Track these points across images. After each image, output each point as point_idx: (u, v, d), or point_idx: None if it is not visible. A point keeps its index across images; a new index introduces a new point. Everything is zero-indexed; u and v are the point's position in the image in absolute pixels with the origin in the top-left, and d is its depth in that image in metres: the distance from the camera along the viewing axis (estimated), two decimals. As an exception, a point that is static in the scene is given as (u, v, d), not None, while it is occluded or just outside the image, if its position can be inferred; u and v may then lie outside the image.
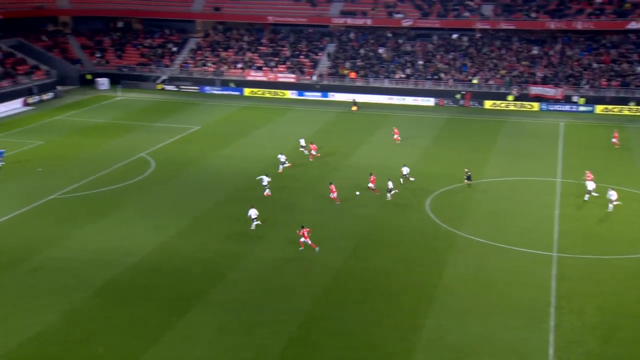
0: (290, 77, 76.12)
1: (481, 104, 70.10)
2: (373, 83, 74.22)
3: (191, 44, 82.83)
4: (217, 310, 28.04)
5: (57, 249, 33.37)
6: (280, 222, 37.61)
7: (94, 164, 47.45)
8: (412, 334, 26.56)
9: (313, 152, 49.69)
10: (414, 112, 67.56)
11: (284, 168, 46.18)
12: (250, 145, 54.33)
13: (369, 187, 42.00)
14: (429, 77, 73.48)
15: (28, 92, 68.67)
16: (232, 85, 76.34)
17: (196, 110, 67.34)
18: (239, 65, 78.17)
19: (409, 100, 71.84)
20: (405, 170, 44.14)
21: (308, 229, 33.98)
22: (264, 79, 76.51)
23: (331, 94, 73.76)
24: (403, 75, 74.17)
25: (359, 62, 76.91)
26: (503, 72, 72.11)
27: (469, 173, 43.76)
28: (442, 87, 72.12)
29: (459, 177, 44.61)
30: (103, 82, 76.57)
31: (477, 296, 29.48)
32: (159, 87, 76.70)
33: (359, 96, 72.99)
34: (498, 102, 69.84)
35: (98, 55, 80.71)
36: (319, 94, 74.16)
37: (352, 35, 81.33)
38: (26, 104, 66.74)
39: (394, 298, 29.38)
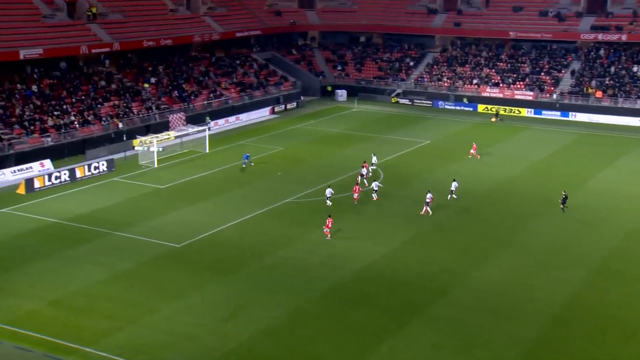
0: (528, 95, 73.06)
1: None
2: (623, 104, 68.18)
3: (428, 58, 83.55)
4: (435, 326, 27.82)
5: (289, 250, 35.72)
6: (510, 243, 36.29)
7: (327, 171, 49.99)
8: (652, 384, 23.79)
9: (364, 171, 47.06)
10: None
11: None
12: (481, 162, 53.17)
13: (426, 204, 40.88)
14: (692, 98, 65.47)
15: (276, 102, 74.81)
16: (465, 100, 75.43)
17: (427, 124, 67.64)
18: (475, 81, 77.00)
19: (665, 124, 64.80)
20: (455, 185, 42.89)
21: (332, 220, 36.44)
22: (500, 95, 74.39)
23: (572, 113, 69.27)
24: (659, 96, 67.08)
25: (608, 81, 71.19)
26: None
27: (565, 195, 40.44)
28: None
29: None
30: (341, 94, 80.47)
31: None
32: (394, 100, 78.53)
33: (604, 117, 67.61)
34: None
35: (339, 68, 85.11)
36: (558, 113, 70.11)
37: (601, 52, 75.60)
38: (273, 112, 72.72)
39: (632, 338, 26.60)
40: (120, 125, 57.33)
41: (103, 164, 49.32)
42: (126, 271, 32.70)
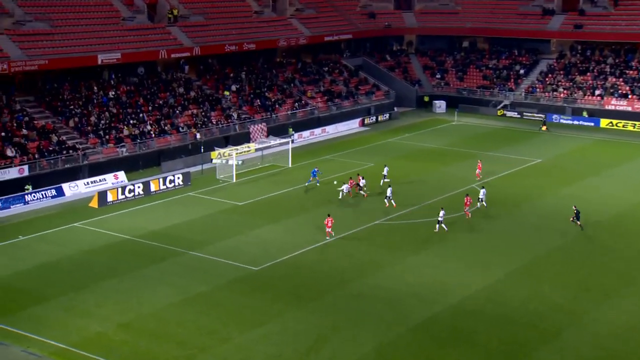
0: (662, 108, 70.05)
1: None
2: None
3: (542, 66, 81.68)
4: (544, 374, 26.95)
5: (378, 277, 35.63)
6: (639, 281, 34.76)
7: (422, 191, 49.62)
8: None
9: (348, 187, 47.95)
10: None
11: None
12: (601, 185, 51.44)
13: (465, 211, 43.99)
14: None
15: (366, 113, 75.13)
16: (584, 114, 73.11)
17: (539, 140, 66.09)
18: (598, 92, 74.50)
19: None
20: (483, 192, 45.37)
21: (332, 219, 40.00)
22: (629, 108, 71.60)
23: None
24: None
25: None
26: None
27: (576, 210, 41.67)
28: None
29: None
30: (440, 105, 79.82)
31: None
32: (500, 112, 77.16)
33: None
34: None
35: (438, 76, 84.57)
36: (700, 130, 66.80)
37: None
38: (362, 124, 73.04)
39: None
40: (198, 135, 59.20)
41: (179, 178, 51.04)
42: (200, 294, 33.59)
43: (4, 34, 54.77)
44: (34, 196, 47.47)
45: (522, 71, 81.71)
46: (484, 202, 45.30)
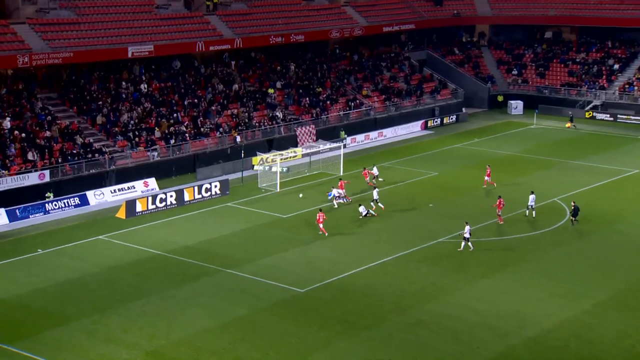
0: None
1: None
2: None
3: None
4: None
5: (442, 303, 35.27)
6: None
7: (493, 203, 48.96)
8: None
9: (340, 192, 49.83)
10: None
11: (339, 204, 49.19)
12: None
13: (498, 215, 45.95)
14: None
15: (430, 114, 74.70)
16: (689, 117, 71.55)
17: (636, 147, 64.95)
18: None
19: None
20: (532, 198, 46.37)
21: (323, 214, 43.31)
22: None
23: None
24: None
25: None
26: None
27: (574, 205, 44.49)
28: None
29: None
30: (516, 106, 79.06)
31: None
32: (588, 114, 75.99)
33: None
34: None
35: (515, 72, 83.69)
36: None
37: None
38: (425, 128, 72.62)
39: None
40: (238, 139, 59.68)
41: (216, 186, 51.49)
42: (238, 319, 33.71)
43: (25, 24, 56.28)
44: (56, 205, 48.45)
45: (616, 66, 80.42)
46: (533, 211, 46.45)
